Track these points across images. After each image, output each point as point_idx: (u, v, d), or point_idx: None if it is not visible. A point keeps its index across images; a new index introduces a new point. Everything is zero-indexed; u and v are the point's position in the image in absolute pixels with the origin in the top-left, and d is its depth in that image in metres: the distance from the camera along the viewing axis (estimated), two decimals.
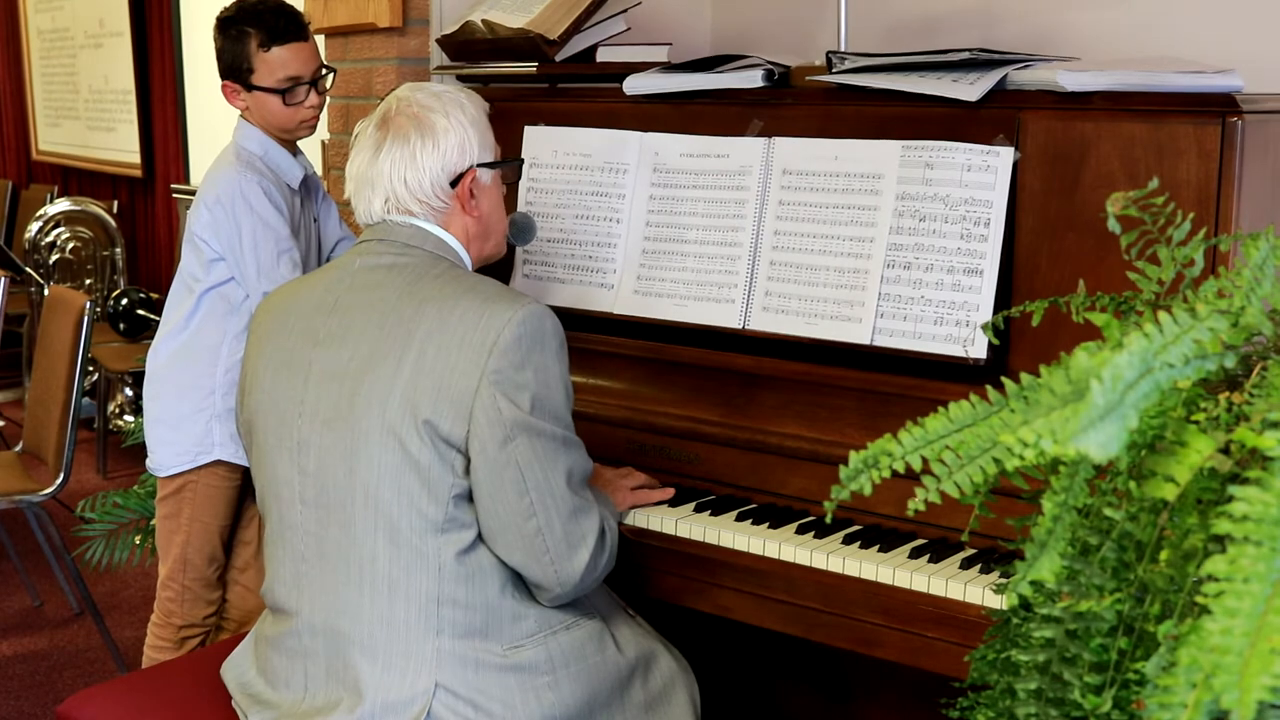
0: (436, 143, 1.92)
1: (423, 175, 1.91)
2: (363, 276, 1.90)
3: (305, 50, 2.53)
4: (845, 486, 1.15)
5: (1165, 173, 1.87)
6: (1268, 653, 0.83)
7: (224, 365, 2.54)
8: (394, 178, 1.91)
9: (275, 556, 1.94)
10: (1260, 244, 1.14)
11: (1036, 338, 1.95)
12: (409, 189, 1.91)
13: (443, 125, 1.92)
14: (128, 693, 2.08)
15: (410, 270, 1.88)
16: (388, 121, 1.93)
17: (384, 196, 1.92)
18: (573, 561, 1.83)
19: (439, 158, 1.92)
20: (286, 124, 2.54)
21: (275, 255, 2.45)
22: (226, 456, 2.56)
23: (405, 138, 1.91)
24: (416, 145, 1.91)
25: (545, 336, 1.81)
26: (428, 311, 1.81)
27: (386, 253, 1.91)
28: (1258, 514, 0.89)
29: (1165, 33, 2.46)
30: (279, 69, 2.50)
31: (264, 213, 2.45)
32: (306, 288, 1.97)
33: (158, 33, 6.04)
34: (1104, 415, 0.88)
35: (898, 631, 1.89)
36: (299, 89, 2.52)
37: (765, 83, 2.34)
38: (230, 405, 2.53)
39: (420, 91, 1.97)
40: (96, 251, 5.99)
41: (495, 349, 1.76)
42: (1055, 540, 1.06)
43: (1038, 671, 1.17)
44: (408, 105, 1.94)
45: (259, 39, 2.49)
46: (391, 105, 1.96)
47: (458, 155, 1.93)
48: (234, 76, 2.53)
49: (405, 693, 1.80)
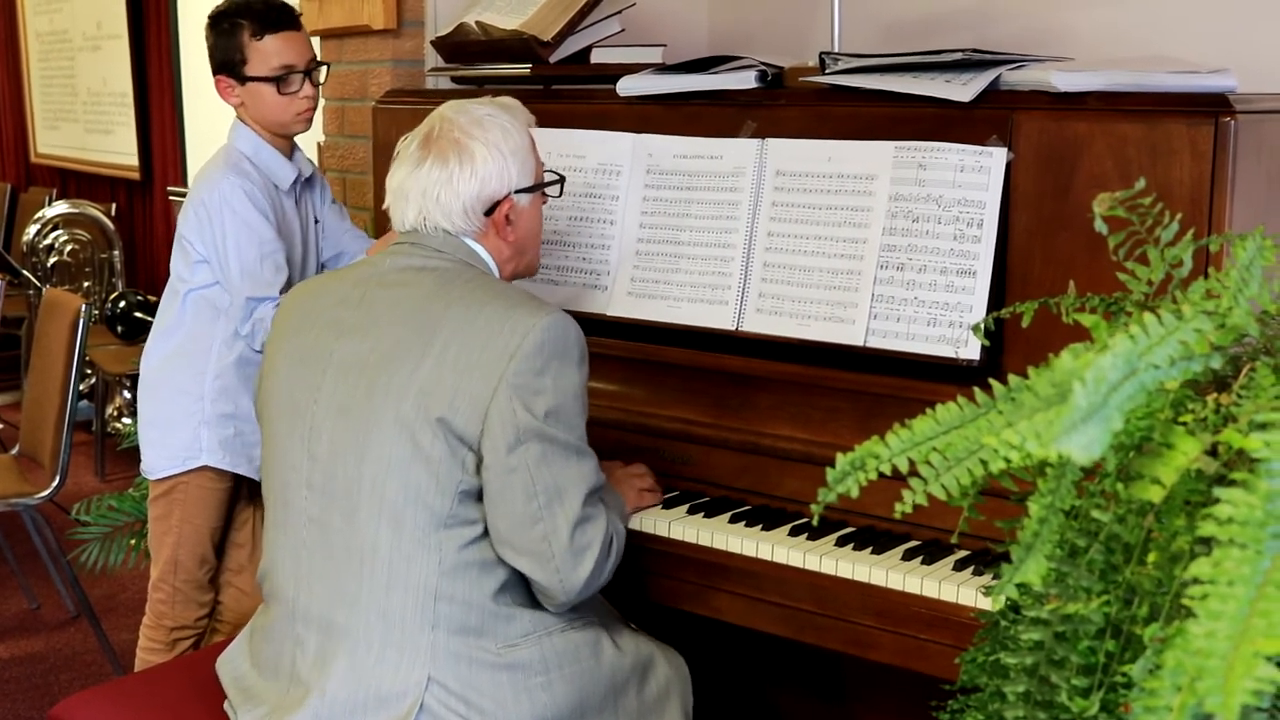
0: (475, 171, 1.94)
1: (455, 199, 1.94)
2: (393, 275, 1.93)
3: (298, 39, 2.53)
4: (833, 489, 1.14)
5: (1159, 173, 1.87)
6: (1251, 656, 0.83)
7: (213, 371, 2.53)
8: (428, 195, 1.94)
9: (275, 542, 1.95)
10: (1248, 244, 1.13)
11: (1029, 339, 1.94)
12: (441, 208, 1.94)
13: (482, 155, 1.94)
14: (121, 696, 2.08)
15: (441, 273, 1.91)
16: (430, 142, 1.96)
17: (416, 209, 1.95)
18: (577, 570, 1.84)
19: (475, 185, 1.95)
20: (282, 116, 2.53)
21: (258, 258, 2.45)
22: (214, 463, 2.56)
23: (444, 161, 1.94)
24: (455, 170, 1.94)
25: (568, 346, 1.83)
26: (454, 312, 1.84)
27: (418, 255, 1.95)
28: (1242, 516, 0.89)
29: (1159, 33, 2.45)
30: (273, 57, 2.50)
31: (246, 215, 2.45)
32: (335, 281, 2.01)
33: (155, 35, 6.04)
34: (1087, 417, 0.87)
35: (891, 633, 1.89)
36: (293, 78, 2.51)
37: (759, 83, 2.34)
38: (221, 411, 2.54)
39: (464, 115, 1.98)
40: (94, 254, 5.99)
41: (517, 355, 1.78)
42: (1042, 543, 1.05)
43: (1026, 674, 1.17)
44: (450, 128, 1.96)
45: (251, 29, 2.49)
46: (435, 125, 1.98)
47: (496, 184, 1.96)
48: (227, 70, 2.53)
49: (398, 684, 1.81)
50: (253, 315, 2.45)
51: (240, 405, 2.54)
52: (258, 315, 2.44)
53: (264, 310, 2.43)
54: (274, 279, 2.45)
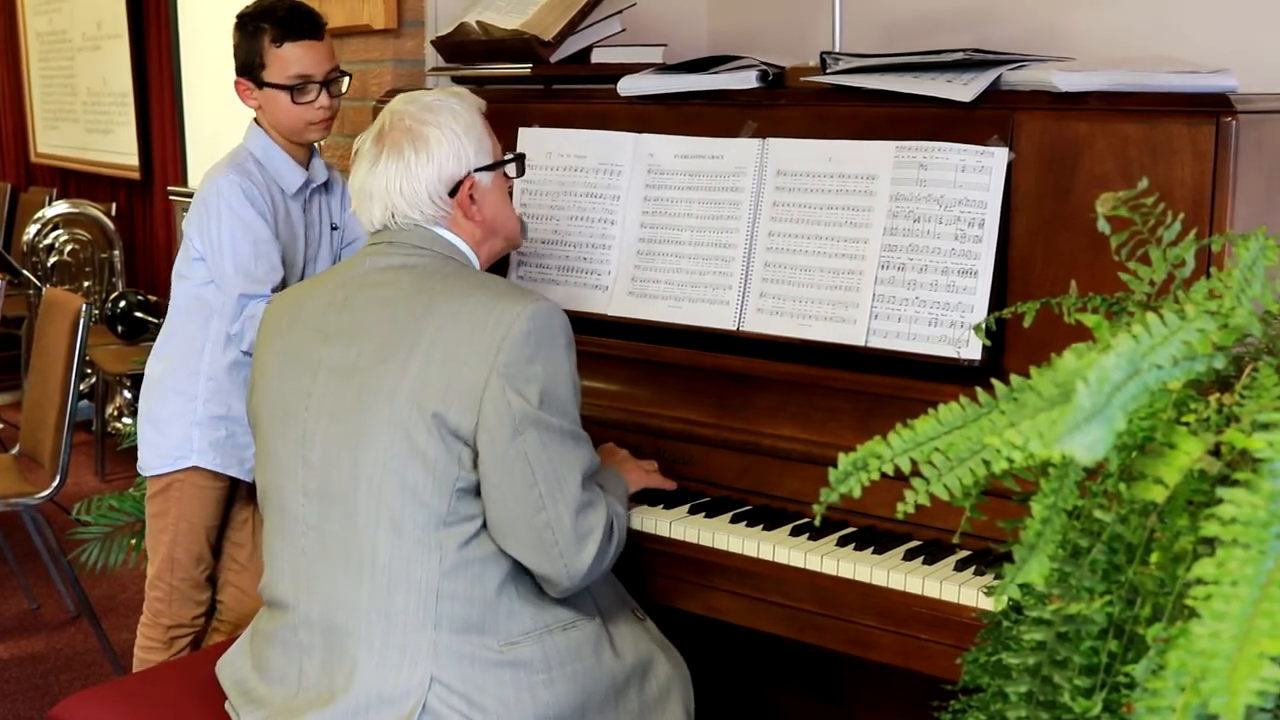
0: (430, 155, 1.95)
1: (419, 186, 1.94)
2: (374, 276, 1.93)
3: (318, 49, 2.53)
4: (834, 489, 1.14)
5: (1160, 173, 1.87)
6: (1255, 656, 0.83)
7: (206, 372, 2.54)
8: (390, 189, 1.95)
9: (275, 551, 1.95)
10: (1251, 244, 1.13)
11: (1031, 339, 1.94)
12: (405, 199, 1.94)
13: (435, 137, 1.95)
14: (120, 696, 2.08)
15: (421, 269, 1.92)
16: (383, 136, 1.97)
17: (383, 206, 1.96)
18: (580, 555, 1.84)
19: (434, 169, 1.95)
20: (295, 124, 2.53)
21: (253, 256, 2.45)
22: (204, 464, 2.56)
23: (400, 152, 1.94)
24: (411, 158, 1.94)
25: (554, 333, 1.84)
26: (438, 307, 1.84)
27: (396, 254, 1.95)
28: (1246, 516, 0.89)
29: (1160, 33, 2.45)
30: (290, 65, 2.50)
31: (243, 214, 2.46)
32: (318, 286, 2.01)
33: (155, 35, 6.03)
34: (1090, 417, 0.87)
35: (892, 634, 1.88)
36: (309, 88, 2.51)
37: (760, 83, 2.34)
38: (213, 413, 2.54)
39: (413, 104, 1.99)
40: (95, 254, 5.99)
41: (505, 343, 1.79)
42: (1044, 543, 1.05)
43: (1028, 674, 1.16)
44: (401, 119, 1.97)
45: (272, 35, 2.49)
46: (386, 120, 1.99)
47: (453, 165, 1.96)
48: (247, 73, 2.54)
49: (401, 685, 1.81)
50: (244, 312, 2.45)
51: (233, 407, 2.54)
52: (248, 312, 2.44)
53: (255, 307, 2.43)
54: (267, 276, 2.46)
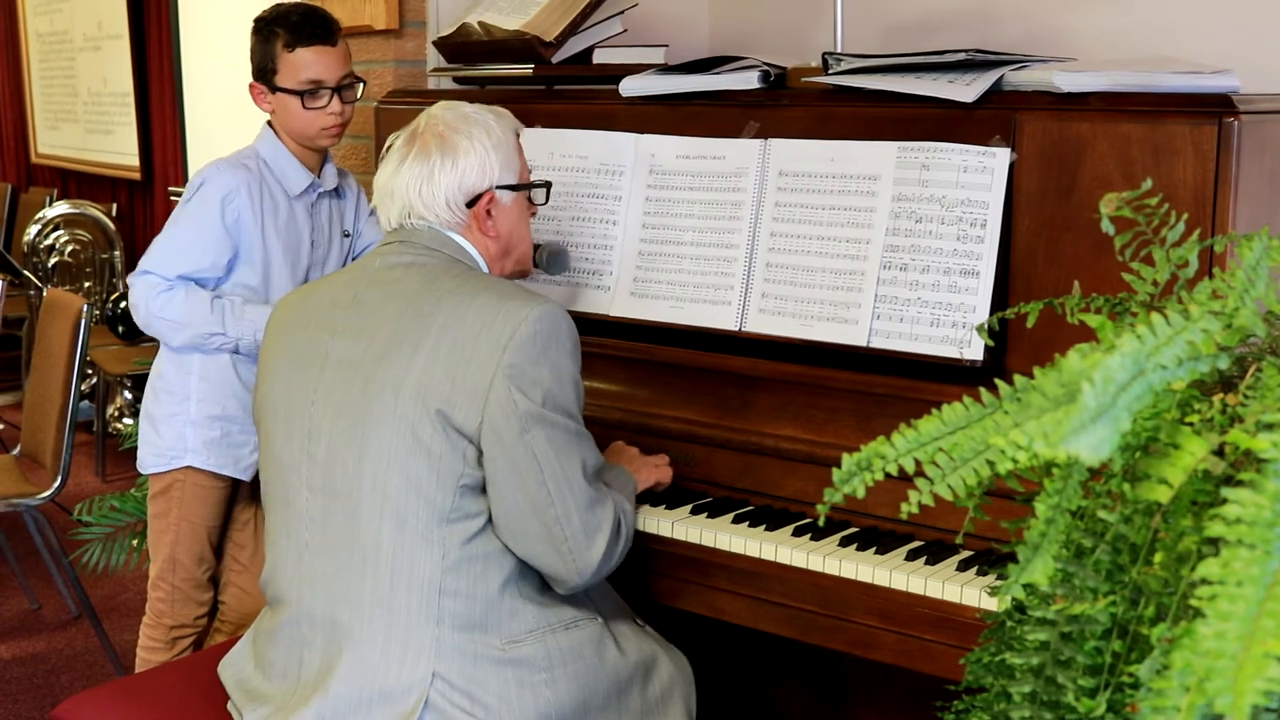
0: (455, 162, 1.98)
1: (438, 191, 1.97)
2: (383, 274, 1.95)
3: (331, 55, 2.53)
4: (839, 489, 1.14)
5: (1162, 174, 1.87)
6: (1261, 656, 0.83)
7: (198, 372, 2.53)
8: (410, 190, 1.98)
9: (277, 545, 1.96)
10: (1254, 245, 1.13)
11: (1033, 339, 1.94)
12: (423, 201, 1.97)
13: (464, 146, 1.98)
14: (122, 696, 2.08)
15: (430, 268, 1.94)
16: (415, 137, 2.00)
17: (401, 206, 1.99)
18: (590, 551, 1.85)
19: (456, 176, 1.97)
20: (306, 129, 2.53)
21: (181, 246, 2.47)
22: (198, 464, 2.56)
23: (427, 154, 1.98)
24: (436, 162, 1.97)
25: (560, 335, 1.85)
26: (445, 305, 1.86)
27: (407, 253, 1.97)
28: (1251, 516, 0.89)
29: (1162, 33, 2.45)
30: (302, 70, 2.51)
31: (208, 207, 2.47)
32: (327, 284, 2.03)
33: (156, 35, 6.03)
34: (1095, 418, 0.87)
35: (894, 634, 1.89)
36: (321, 93, 2.51)
37: (761, 84, 2.34)
38: (208, 413, 2.54)
39: (451, 111, 2.03)
40: (95, 254, 5.99)
41: (511, 344, 1.80)
42: (1049, 543, 1.05)
43: (1032, 674, 1.16)
44: (435, 124, 2.01)
45: (285, 39, 2.50)
46: (422, 122, 2.02)
47: (476, 176, 1.99)
48: (261, 77, 2.55)
49: (403, 680, 1.82)
50: (134, 280, 2.47)
51: (227, 407, 2.54)
52: (136, 284, 2.46)
53: (141, 282, 2.45)
54: (180, 267, 2.45)
